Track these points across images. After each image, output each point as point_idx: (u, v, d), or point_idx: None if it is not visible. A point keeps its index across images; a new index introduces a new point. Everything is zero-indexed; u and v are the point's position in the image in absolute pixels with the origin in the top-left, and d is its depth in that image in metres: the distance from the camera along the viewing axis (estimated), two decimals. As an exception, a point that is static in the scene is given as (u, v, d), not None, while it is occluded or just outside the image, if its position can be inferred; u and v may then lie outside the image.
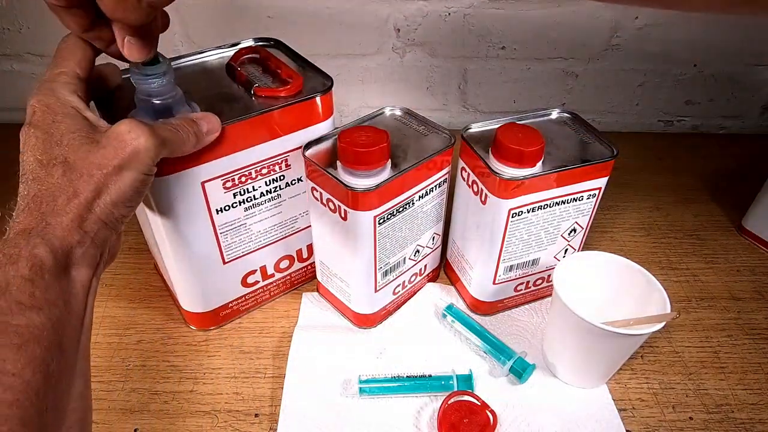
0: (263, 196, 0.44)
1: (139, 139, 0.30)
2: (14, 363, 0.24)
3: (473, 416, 0.41)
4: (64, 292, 0.27)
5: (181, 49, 0.70)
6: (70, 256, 0.28)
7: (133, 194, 0.30)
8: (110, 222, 0.30)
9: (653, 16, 0.69)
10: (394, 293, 0.49)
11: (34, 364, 0.24)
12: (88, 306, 0.29)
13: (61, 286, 0.27)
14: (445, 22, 0.69)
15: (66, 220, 0.28)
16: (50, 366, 0.25)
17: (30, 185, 0.28)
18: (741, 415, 0.44)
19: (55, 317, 0.26)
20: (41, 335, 0.25)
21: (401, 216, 0.43)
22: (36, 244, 0.26)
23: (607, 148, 0.44)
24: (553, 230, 0.45)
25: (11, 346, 0.24)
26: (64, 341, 0.27)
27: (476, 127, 0.46)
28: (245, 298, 0.50)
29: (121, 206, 0.30)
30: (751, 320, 0.52)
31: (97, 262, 0.30)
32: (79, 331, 0.28)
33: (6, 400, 0.23)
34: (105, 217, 0.29)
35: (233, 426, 0.42)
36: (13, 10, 0.68)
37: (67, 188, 0.28)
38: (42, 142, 0.29)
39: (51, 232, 0.27)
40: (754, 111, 0.79)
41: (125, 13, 0.27)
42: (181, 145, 0.34)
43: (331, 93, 0.42)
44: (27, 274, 0.26)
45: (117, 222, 0.30)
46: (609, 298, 0.44)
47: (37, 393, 0.24)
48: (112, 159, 0.29)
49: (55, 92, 0.30)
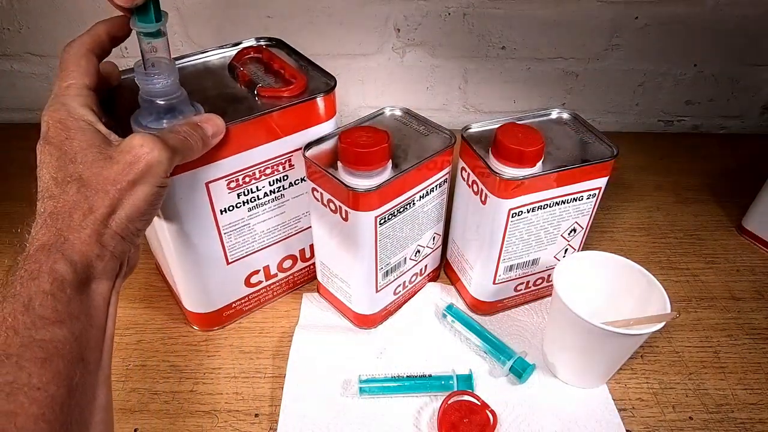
0: (267, 196, 0.44)
1: (152, 153, 0.30)
2: (39, 377, 0.24)
3: (473, 416, 0.41)
4: (85, 306, 0.28)
5: (182, 49, 0.70)
6: (90, 270, 0.28)
7: (148, 207, 0.30)
8: (127, 236, 0.30)
9: (653, 16, 0.69)
10: (395, 293, 0.49)
11: (58, 378, 0.25)
12: (110, 318, 0.30)
13: (82, 299, 0.27)
14: (445, 22, 0.69)
15: (84, 235, 0.28)
16: (74, 379, 0.26)
17: (46, 203, 0.28)
18: (741, 415, 0.44)
19: (77, 331, 0.26)
20: (64, 349, 0.25)
21: (402, 216, 0.43)
22: (56, 259, 0.27)
23: (607, 148, 0.44)
24: (553, 230, 0.45)
25: (36, 361, 0.24)
26: (87, 354, 0.27)
27: (476, 127, 0.46)
28: (248, 299, 0.50)
29: (136, 220, 0.30)
30: (751, 320, 0.52)
31: (116, 274, 0.30)
32: (101, 343, 0.29)
33: (33, 414, 0.23)
34: (121, 232, 0.29)
35: (233, 426, 0.42)
36: (13, 10, 0.68)
37: (83, 204, 0.28)
38: (56, 159, 0.29)
39: (70, 247, 0.27)
40: (754, 111, 0.79)
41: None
42: (190, 153, 0.34)
43: (335, 92, 0.42)
44: (49, 289, 0.26)
45: (134, 235, 0.31)
46: (609, 298, 0.44)
47: (62, 407, 0.25)
48: (126, 174, 0.29)
49: (66, 106, 0.30)
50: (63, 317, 0.26)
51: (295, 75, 0.42)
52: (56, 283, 0.26)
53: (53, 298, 0.26)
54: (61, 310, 0.26)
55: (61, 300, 0.26)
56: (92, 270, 0.28)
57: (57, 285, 0.26)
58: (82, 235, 0.28)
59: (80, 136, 0.29)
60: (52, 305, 0.26)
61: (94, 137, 0.30)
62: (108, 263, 0.29)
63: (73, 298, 0.27)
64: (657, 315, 0.40)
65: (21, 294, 0.25)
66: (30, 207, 0.29)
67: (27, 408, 0.23)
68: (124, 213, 0.29)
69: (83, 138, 0.29)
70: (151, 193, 0.30)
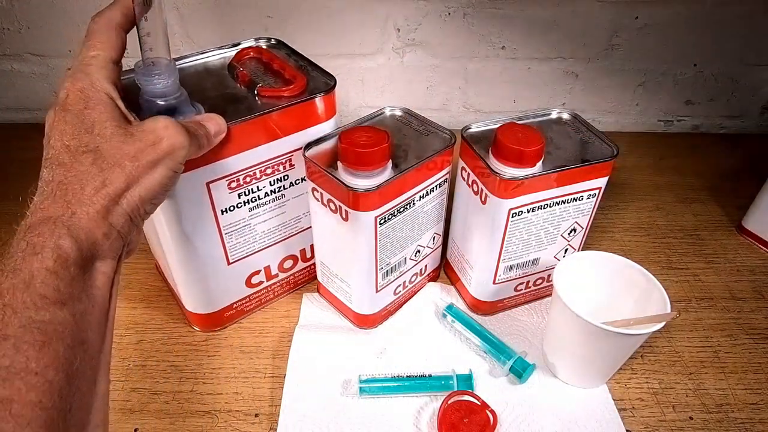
0: (267, 196, 0.44)
1: (177, 137, 0.30)
2: (37, 361, 0.23)
3: (473, 416, 0.41)
4: (88, 286, 0.26)
5: (182, 49, 0.70)
6: (95, 248, 0.27)
7: (161, 191, 0.30)
8: (135, 217, 0.29)
9: (653, 16, 0.69)
10: (395, 293, 0.49)
11: (57, 362, 0.24)
12: (113, 299, 0.28)
13: (85, 279, 0.26)
14: (445, 22, 0.70)
15: (92, 210, 0.27)
16: (74, 364, 0.24)
17: (55, 171, 0.27)
18: (741, 415, 0.44)
19: (78, 312, 0.25)
20: (64, 332, 0.24)
21: (402, 216, 0.43)
22: (61, 234, 0.25)
23: (607, 148, 0.44)
24: (553, 230, 0.45)
25: (34, 344, 0.23)
26: (89, 337, 0.26)
27: (476, 127, 0.46)
28: (249, 299, 0.50)
29: (147, 202, 0.29)
30: (751, 320, 0.52)
31: (119, 254, 0.29)
32: (103, 326, 0.27)
33: (30, 401, 0.22)
34: (131, 211, 0.29)
35: (233, 426, 0.42)
36: (13, 10, 0.68)
37: (96, 177, 0.27)
38: (72, 127, 0.28)
39: (77, 222, 0.26)
40: (754, 111, 0.79)
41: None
42: (196, 149, 0.33)
43: (335, 92, 0.42)
44: (51, 266, 0.24)
45: (140, 218, 0.30)
46: (609, 298, 0.44)
47: (60, 393, 0.23)
48: (147, 154, 0.29)
49: (90, 77, 0.29)
50: (65, 297, 0.25)
51: (295, 75, 0.42)
52: (60, 261, 0.25)
53: (56, 276, 0.24)
54: (63, 290, 0.25)
55: (64, 279, 0.25)
56: (97, 248, 0.27)
57: (60, 263, 0.25)
58: (90, 210, 0.27)
59: (101, 107, 0.29)
60: (54, 284, 0.24)
61: (114, 111, 0.29)
62: (114, 242, 0.28)
63: (76, 277, 0.25)
64: (657, 315, 0.40)
65: (22, 269, 0.24)
66: (29, 207, 0.28)
67: (24, 395, 0.22)
68: (138, 192, 0.29)
69: (104, 110, 0.29)
70: (168, 176, 0.30)
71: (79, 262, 0.26)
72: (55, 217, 0.26)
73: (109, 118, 0.29)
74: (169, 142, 0.29)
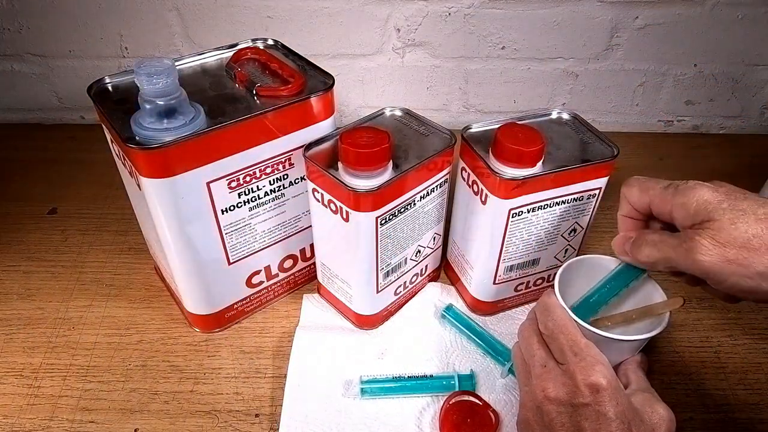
0: (267, 196, 0.44)
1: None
2: None
3: (475, 416, 0.41)
4: None
5: (182, 49, 0.70)
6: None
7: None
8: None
9: (653, 16, 0.69)
10: (396, 294, 0.49)
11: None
12: None
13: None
14: (445, 22, 0.69)
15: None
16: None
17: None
18: (741, 415, 0.44)
19: None
20: None
21: (402, 216, 0.43)
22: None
23: (607, 148, 0.44)
24: (553, 230, 0.45)
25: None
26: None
27: (476, 127, 0.46)
28: (250, 299, 0.50)
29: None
30: (751, 320, 0.52)
31: None
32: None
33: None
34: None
35: (233, 426, 0.42)
36: (13, 10, 0.68)
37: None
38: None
39: None
40: (754, 111, 0.79)
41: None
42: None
43: (333, 91, 0.42)
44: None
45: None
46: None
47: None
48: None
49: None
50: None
51: (293, 74, 0.42)
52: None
53: None
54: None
55: None
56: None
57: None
58: None
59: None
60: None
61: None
62: None
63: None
64: (661, 302, 0.39)
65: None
66: (30, 207, 0.28)
67: None
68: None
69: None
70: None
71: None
72: None
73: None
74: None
